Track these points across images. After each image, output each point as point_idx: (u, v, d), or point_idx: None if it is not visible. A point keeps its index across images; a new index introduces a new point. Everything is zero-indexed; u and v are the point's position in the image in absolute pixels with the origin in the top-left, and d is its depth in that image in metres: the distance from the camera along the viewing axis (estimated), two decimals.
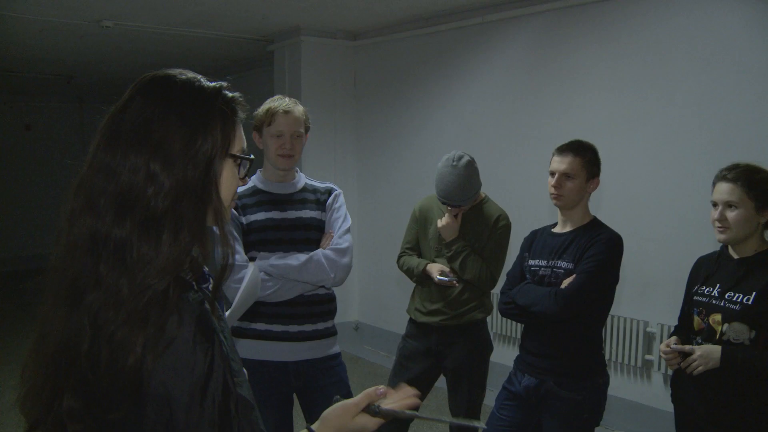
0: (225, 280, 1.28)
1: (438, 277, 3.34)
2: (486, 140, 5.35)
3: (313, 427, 1.37)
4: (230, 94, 1.32)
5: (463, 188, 3.26)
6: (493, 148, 5.27)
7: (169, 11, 5.64)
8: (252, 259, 2.75)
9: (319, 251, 2.79)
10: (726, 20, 4.12)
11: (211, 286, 1.30)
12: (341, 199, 2.98)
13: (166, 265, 1.15)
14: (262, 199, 2.85)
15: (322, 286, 2.85)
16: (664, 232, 4.43)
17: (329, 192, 2.97)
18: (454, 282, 3.35)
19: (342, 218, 2.91)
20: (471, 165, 3.31)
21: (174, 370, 1.13)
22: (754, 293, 2.41)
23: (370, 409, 1.41)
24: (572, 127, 4.69)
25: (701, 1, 4.23)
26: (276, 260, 2.73)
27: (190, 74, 1.29)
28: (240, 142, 1.33)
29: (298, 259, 2.74)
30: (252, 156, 1.36)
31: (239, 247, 2.74)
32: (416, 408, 1.48)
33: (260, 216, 2.80)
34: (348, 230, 2.91)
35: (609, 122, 4.69)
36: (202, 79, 1.30)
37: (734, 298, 2.46)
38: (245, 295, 2.43)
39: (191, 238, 1.19)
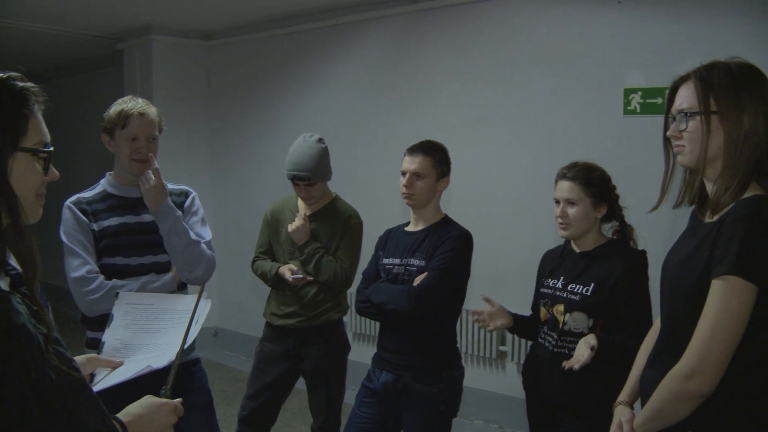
0: (35, 279, 1.24)
1: (291, 276, 3.34)
2: (340, 140, 5.35)
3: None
4: (20, 85, 1.26)
5: (314, 158, 3.33)
6: (347, 148, 5.30)
7: (2, 1, 5.25)
8: (105, 265, 2.62)
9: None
10: (570, 23, 4.37)
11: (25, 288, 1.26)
12: (197, 201, 2.89)
13: None
14: (113, 203, 2.68)
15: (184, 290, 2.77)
16: (513, 227, 4.62)
17: (185, 194, 2.86)
18: (308, 277, 3.35)
19: (200, 221, 2.83)
20: (323, 142, 3.42)
21: None
22: (592, 284, 2.54)
23: (161, 395, 1.60)
24: (424, 126, 4.81)
25: (547, 4, 4.45)
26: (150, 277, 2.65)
27: None
28: (38, 135, 1.28)
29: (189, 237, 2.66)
30: (51, 149, 1.31)
31: (90, 258, 2.59)
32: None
33: (113, 221, 2.65)
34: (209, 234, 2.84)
35: (460, 121, 4.84)
36: None
37: (575, 290, 2.58)
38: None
39: None
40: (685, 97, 1.80)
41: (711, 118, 1.73)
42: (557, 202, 2.68)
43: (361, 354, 4.84)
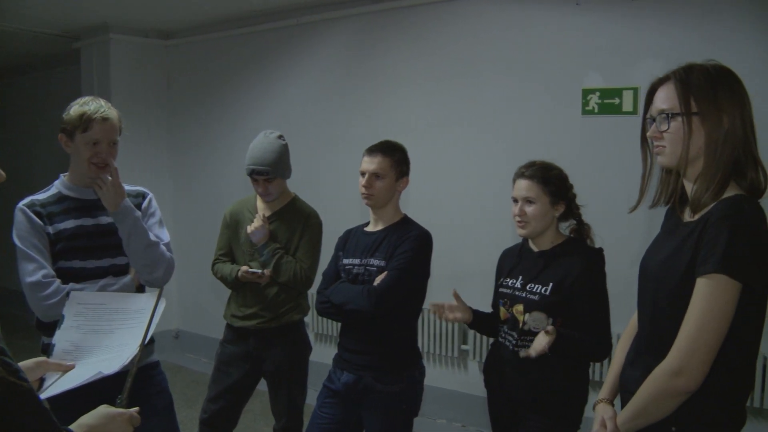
0: None
1: (249, 271, 3.34)
2: (301, 141, 5.35)
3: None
4: None
5: (274, 154, 3.34)
6: (308, 149, 5.30)
7: None
8: (61, 268, 2.57)
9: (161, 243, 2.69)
10: (529, 24, 4.42)
11: None
12: (155, 202, 2.85)
13: None
14: (69, 205, 2.62)
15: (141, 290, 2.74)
16: (474, 226, 4.65)
17: (142, 196, 2.81)
18: (264, 272, 3.34)
19: (158, 223, 2.79)
20: (283, 139, 3.45)
21: None
22: (551, 284, 2.57)
23: (117, 404, 1.59)
24: (384, 127, 4.83)
25: (507, 5, 4.49)
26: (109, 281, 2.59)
27: None
28: None
29: (148, 239, 2.62)
30: None
31: (45, 261, 2.53)
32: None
33: (70, 224, 2.58)
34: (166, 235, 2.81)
35: (420, 122, 4.87)
36: None
37: (534, 289, 2.61)
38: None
39: None
40: (665, 99, 1.83)
41: (692, 119, 1.77)
42: (515, 200, 2.71)
43: (323, 354, 4.84)
